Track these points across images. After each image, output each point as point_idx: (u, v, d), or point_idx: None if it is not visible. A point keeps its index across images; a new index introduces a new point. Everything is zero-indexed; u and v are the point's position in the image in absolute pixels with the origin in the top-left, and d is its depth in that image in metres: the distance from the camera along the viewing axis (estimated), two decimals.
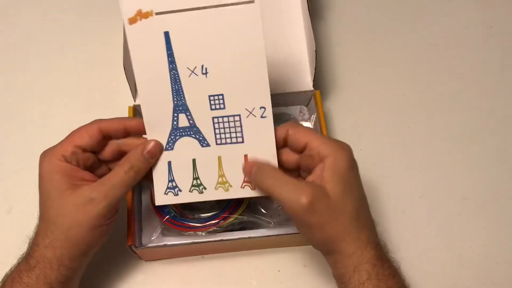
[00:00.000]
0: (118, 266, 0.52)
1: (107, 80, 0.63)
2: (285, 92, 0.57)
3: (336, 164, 0.39)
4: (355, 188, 0.40)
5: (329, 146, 0.40)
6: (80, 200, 0.40)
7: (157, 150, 0.43)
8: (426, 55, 0.67)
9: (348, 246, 0.39)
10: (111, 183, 0.41)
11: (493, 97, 0.64)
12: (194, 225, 0.48)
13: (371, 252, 0.39)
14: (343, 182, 0.39)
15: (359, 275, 0.39)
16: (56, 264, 0.40)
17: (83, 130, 0.43)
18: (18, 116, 0.62)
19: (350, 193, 0.40)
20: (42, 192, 0.42)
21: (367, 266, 0.39)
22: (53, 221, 0.41)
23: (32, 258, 0.41)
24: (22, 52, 0.66)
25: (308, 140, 0.41)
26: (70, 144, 0.42)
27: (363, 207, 0.41)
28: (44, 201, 0.42)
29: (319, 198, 0.38)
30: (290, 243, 0.53)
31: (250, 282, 0.52)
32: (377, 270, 0.39)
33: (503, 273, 0.53)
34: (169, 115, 0.43)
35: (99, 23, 0.68)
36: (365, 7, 0.70)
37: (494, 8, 0.71)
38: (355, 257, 0.39)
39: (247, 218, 0.49)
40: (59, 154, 0.41)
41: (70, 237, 0.40)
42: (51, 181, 0.41)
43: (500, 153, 0.60)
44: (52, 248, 0.40)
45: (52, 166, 0.41)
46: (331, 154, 0.40)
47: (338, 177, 0.39)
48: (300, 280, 0.52)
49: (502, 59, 0.67)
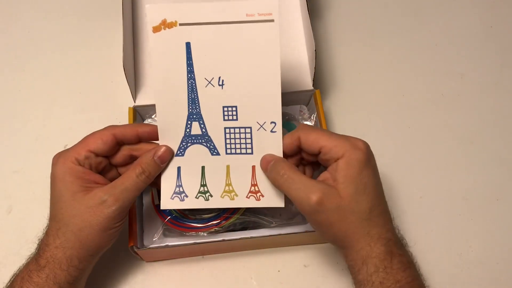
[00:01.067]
0: (119, 267, 0.52)
1: (107, 80, 0.63)
2: (285, 92, 0.57)
3: (348, 165, 0.40)
4: (369, 187, 0.40)
5: (341, 147, 0.41)
6: (93, 202, 0.41)
7: (167, 155, 0.45)
8: (426, 55, 0.67)
9: (357, 242, 0.40)
10: (123, 186, 0.42)
11: (493, 97, 0.64)
12: (196, 226, 0.48)
13: (381, 248, 0.40)
14: (355, 183, 0.40)
15: (367, 267, 0.40)
16: (65, 265, 0.41)
17: (97, 135, 0.44)
18: (18, 116, 0.62)
19: (362, 193, 0.40)
20: (55, 193, 0.42)
21: (375, 260, 0.39)
22: (65, 222, 0.41)
23: (42, 258, 0.41)
24: (22, 52, 0.66)
25: (321, 144, 0.41)
26: (84, 148, 0.43)
27: (377, 205, 0.41)
28: (56, 202, 0.42)
29: (329, 198, 0.39)
30: (290, 243, 0.53)
31: (250, 282, 0.52)
32: (385, 264, 0.39)
33: (503, 273, 0.53)
34: (183, 122, 0.45)
35: (99, 23, 0.68)
36: (365, 7, 0.70)
37: (494, 8, 0.71)
38: (363, 252, 0.40)
39: (248, 218, 0.49)
40: (72, 157, 0.42)
41: (81, 238, 0.41)
42: (64, 183, 0.42)
43: (500, 153, 0.60)
44: (62, 249, 0.41)
45: (65, 169, 0.42)
46: (344, 154, 0.40)
47: (350, 178, 0.40)
48: (300, 280, 0.52)
49: (502, 59, 0.67)
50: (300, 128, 0.44)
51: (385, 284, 0.39)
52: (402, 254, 0.41)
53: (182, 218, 0.49)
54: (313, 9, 0.66)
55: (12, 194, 0.57)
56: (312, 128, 0.45)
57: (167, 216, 0.49)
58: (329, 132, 0.43)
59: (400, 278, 0.39)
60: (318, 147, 0.42)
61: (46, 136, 0.60)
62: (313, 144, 0.42)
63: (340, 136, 0.42)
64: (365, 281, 0.40)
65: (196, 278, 0.52)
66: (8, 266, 0.44)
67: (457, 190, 0.58)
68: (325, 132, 0.43)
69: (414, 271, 0.41)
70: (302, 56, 0.59)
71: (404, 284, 0.39)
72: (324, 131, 0.43)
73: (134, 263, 0.52)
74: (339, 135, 0.42)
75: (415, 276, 0.41)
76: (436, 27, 0.69)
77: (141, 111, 0.56)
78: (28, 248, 0.44)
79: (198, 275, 0.52)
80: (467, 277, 0.53)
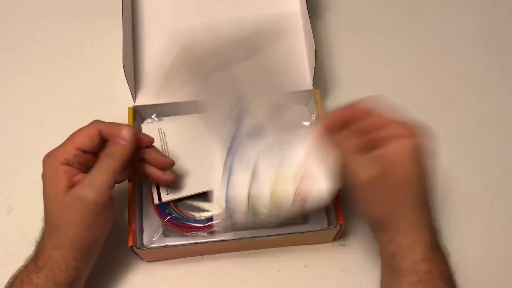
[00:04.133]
0: (119, 267, 0.52)
1: (107, 80, 0.63)
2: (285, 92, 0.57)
3: (407, 149, 0.39)
4: (423, 174, 0.40)
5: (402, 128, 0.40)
6: (70, 200, 0.41)
7: (130, 134, 0.43)
8: (426, 55, 0.67)
9: (407, 225, 0.40)
10: (95, 178, 0.42)
11: (493, 97, 0.64)
12: (196, 226, 0.48)
13: (427, 234, 0.40)
14: (410, 167, 0.39)
15: (413, 254, 0.39)
16: (63, 265, 0.41)
17: (84, 132, 0.43)
18: (18, 116, 0.62)
19: (418, 178, 0.40)
20: (44, 194, 0.43)
21: (423, 248, 0.39)
22: (54, 222, 0.42)
23: (40, 260, 0.41)
24: (22, 52, 0.66)
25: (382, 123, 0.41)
26: (72, 146, 0.43)
27: (427, 191, 0.41)
28: (46, 204, 0.43)
29: (384, 174, 0.39)
30: (290, 243, 0.53)
31: (250, 282, 0.52)
32: (432, 252, 0.39)
33: (503, 273, 0.53)
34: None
35: (99, 23, 0.68)
36: (364, 7, 0.70)
37: (494, 8, 0.71)
38: (410, 238, 0.40)
39: None
40: (61, 158, 0.42)
41: (70, 238, 0.41)
42: (51, 183, 0.42)
43: (500, 153, 0.60)
44: (57, 249, 0.41)
45: (53, 169, 0.42)
46: (403, 136, 0.40)
47: (409, 160, 0.39)
48: (300, 280, 0.52)
49: (502, 59, 0.67)
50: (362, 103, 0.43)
51: (431, 274, 0.39)
52: (442, 246, 0.41)
53: (182, 218, 0.49)
54: (313, 9, 0.66)
55: (12, 194, 0.57)
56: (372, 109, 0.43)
57: (167, 216, 0.49)
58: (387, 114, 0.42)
59: (443, 269, 0.39)
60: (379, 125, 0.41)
61: (46, 136, 0.60)
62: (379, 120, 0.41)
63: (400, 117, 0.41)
64: (409, 269, 0.39)
65: (196, 278, 0.52)
66: (8, 266, 0.44)
67: (457, 190, 0.58)
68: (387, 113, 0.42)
69: (450, 264, 0.41)
70: (302, 56, 0.59)
71: (447, 276, 0.39)
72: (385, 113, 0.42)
73: (134, 263, 0.52)
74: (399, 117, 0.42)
75: (452, 269, 0.41)
76: (436, 27, 0.69)
77: (141, 111, 0.56)
78: (27, 248, 0.44)
79: (198, 275, 0.52)
80: (467, 277, 0.53)
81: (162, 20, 0.61)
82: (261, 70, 0.58)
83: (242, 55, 0.51)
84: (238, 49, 0.51)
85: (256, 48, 0.53)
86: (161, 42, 0.60)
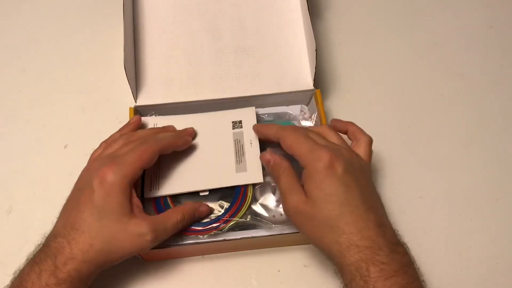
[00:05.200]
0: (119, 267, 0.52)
1: (107, 80, 0.63)
2: (285, 92, 0.57)
3: (309, 176, 0.42)
4: (333, 196, 0.41)
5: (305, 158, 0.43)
6: (134, 231, 0.42)
7: (206, 213, 0.48)
8: (426, 55, 0.67)
9: (328, 248, 0.41)
10: (164, 226, 0.44)
11: (493, 97, 0.64)
12: (195, 229, 0.48)
13: (354, 256, 0.39)
14: (316, 192, 0.42)
15: (344, 275, 0.40)
16: (85, 279, 0.41)
17: (149, 152, 0.44)
18: (18, 116, 0.62)
19: (325, 201, 0.41)
20: (103, 209, 0.41)
21: (351, 268, 0.39)
22: (102, 239, 0.41)
23: (62, 272, 0.39)
24: (22, 52, 0.66)
25: (292, 151, 0.44)
26: (139, 166, 0.43)
27: (344, 213, 0.40)
28: (100, 218, 0.41)
29: (299, 202, 0.42)
30: (290, 243, 0.53)
31: (250, 282, 0.52)
32: (361, 272, 0.39)
33: (503, 273, 0.53)
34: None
35: (99, 23, 0.68)
36: (365, 7, 0.70)
37: (494, 8, 0.71)
38: (337, 258, 0.40)
39: (249, 221, 0.49)
40: (130, 177, 0.42)
41: (109, 258, 0.42)
42: (118, 200, 0.42)
43: (500, 153, 0.60)
44: (88, 265, 0.40)
45: (122, 188, 0.42)
46: (307, 165, 0.43)
47: (312, 187, 0.42)
48: (300, 280, 0.52)
49: (502, 59, 0.67)
50: (283, 129, 0.47)
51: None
52: (385, 262, 0.39)
53: None
54: (314, 8, 0.66)
55: (12, 194, 0.57)
56: (291, 131, 0.46)
57: None
58: (303, 139, 0.44)
59: (379, 287, 0.38)
60: (291, 152, 0.44)
61: (46, 136, 0.60)
62: (288, 149, 0.45)
63: (309, 145, 0.44)
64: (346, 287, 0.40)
65: (196, 278, 0.52)
66: (8, 266, 0.44)
67: (457, 190, 0.58)
68: (300, 138, 0.44)
69: (402, 279, 0.38)
70: (303, 56, 0.59)
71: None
72: (296, 136, 0.45)
73: (135, 263, 0.52)
74: (311, 144, 0.44)
75: (402, 284, 0.38)
76: (436, 27, 0.69)
77: (142, 112, 0.56)
78: (27, 249, 0.44)
79: (198, 275, 0.52)
80: (467, 277, 0.53)
81: (162, 20, 0.61)
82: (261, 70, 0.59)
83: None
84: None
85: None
86: (162, 42, 0.60)
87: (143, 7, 0.61)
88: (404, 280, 0.39)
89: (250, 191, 0.50)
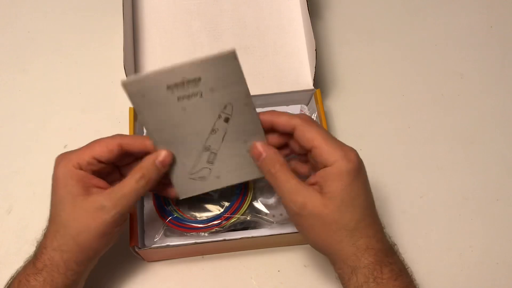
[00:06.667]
0: (119, 267, 0.52)
1: (107, 80, 0.63)
2: (285, 91, 0.57)
3: (337, 176, 0.39)
4: (357, 200, 0.40)
5: (333, 154, 0.39)
6: (91, 207, 0.40)
7: (169, 160, 0.43)
8: (426, 55, 0.67)
9: (342, 251, 0.40)
10: (122, 192, 0.41)
11: (493, 97, 0.64)
12: (197, 226, 0.48)
13: (370, 258, 0.39)
14: (341, 196, 0.39)
15: (357, 278, 0.39)
16: (63, 268, 0.41)
17: (103, 143, 0.43)
18: (18, 116, 0.62)
19: (349, 205, 0.39)
20: (56, 195, 0.42)
21: (365, 270, 0.39)
22: (63, 224, 0.41)
23: (39, 261, 0.41)
24: (22, 52, 0.66)
25: (314, 144, 0.40)
26: (88, 154, 0.42)
27: (366, 216, 0.40)
28: (56, 205, 0.42)
29: (313, 204, 0.39)
30: (290, 243, 0.53)
31: (250, 282, 0.52)
32: (375, 274, 0.39)
33: (503, 273, 0.53)
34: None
35: (99, 23, 0.68)
36: (365, 7, 0.70)
37: (494, 8, 0.71)
38: (351, 262, 0.40)
39: (250, 218, 0.49)
40: (74, 161, 0.42)
41: (79, 242, 0.41)
42: (65, 186, 0.41)
43: (500, 153, 0.60)
44: (60, 252, 0.41)
45: (67, 171, 0.41)
46: (334, 163, 0.39)
47: (338, 190, 0.39)
48: (300, 280, 0.52)
49: (502, 59, 0.67)
50: (300, 117, 0.42)
51: None
52: (393, 262, 0.40)
53: (183, 218, 0.49)
54: (313, 8, 0.66)
55: (12, 194, 0.57)
56: (311, 122, 0.42)
57: (168, 216, 0.49)
58: (326, 133, 0.41)
59: (391, 287, 0.39)
60: (310, 146, 0.40)
61: (46, 136, 0.60)
62: (308, 141, 0.40)
63: (334, 141, 0.41)
64: None
65: (196, 278, 0.52)
66: (8, 266, 0.44)
67: (457, 190, 0.58)
68: (322, 131, 0.41)
69: (407, 278, 0.41)
70: (303, 56, 0.59)
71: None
72: (321, 130, 0.41)
73: (135, 263, 0.52)
74: (334, 140, 0.41)
75: (407, 283, 0.40)
76: (436, 27, 0.69)
77: None
78: (27, 249, 0.44)
79: (198, 275, 0.52)
80: (467, 277, 0.53)
81: (162, 20, 0.61)
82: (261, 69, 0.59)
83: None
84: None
85: None
86: (162, 42, 0.60)
87: (143, 7, 0.61)
88: (408, 278, 0.41)
89: (251, 189, 0.50)
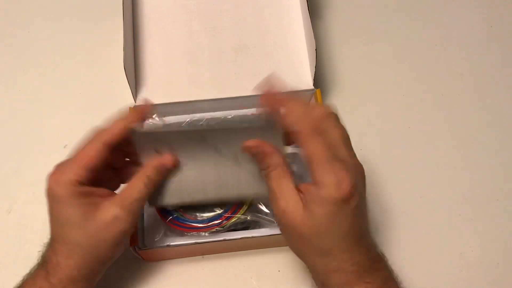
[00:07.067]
0: (119, 267, 0.52)
1: (107, 80, 0.63)
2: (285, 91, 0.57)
3: (322, 201, 0.36)
4: (337, 227, 0.37)
5: (326, 177, 0.36)
6: (104, 221, 0.40)
7: (174, 164, 0.43)
8: (426, 55, 0.67)
9: (315, 267, 0.39)
10: (133, 197, 0.41)
11: (493, 97, 0.64)
12: (197, 226, 0.48)
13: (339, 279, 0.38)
14: (322, 219, 0.36)
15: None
16: (81, 283, 0.41)
17: (88, 151, 0.41)
18: (18, 116, 0.62)
19: (327, 231, 0.37)
20: (61, 217, 0.41)
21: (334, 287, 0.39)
22: (78, 243, 0.40)
23: (55, 278, 0.40)
24: (22, 52, 0.66)
25: (311, 160, 0.37)
26: (81, 168, 0.40)
27: (342, 242, 0.37)
28: (62, 225, 0.41)
29: (293, 216, 0.37)
30: None
31: (250, 282, 0.52)
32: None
33: (503, 273, 0.53)
34: None
35: (99, 23, 0.68)
36: (365, 7, 0.70)
37: (494, 8, 0.71)
38: (321, 277, 0.39)
39: (250, 218, 0.49)
40: (74, 181, 0.40)
41: (97, 255, 0.41)
42: (71, 206, 0.40)
43: (500, 153, 0.60)
44: (78, 269, 0.40)
45: (69, 193, 0.40)
46: (323, 187, 0.36)
47: (318, 214, 0.36)
48: (300, 280, 0.52)
49: (502, 59, 0.67)
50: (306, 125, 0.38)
51: None
52: (370, 282, 0.38)
53: (184, 218, 0.49)
54: (313, 8, 0.66)
55: (12, 194, 0.57)
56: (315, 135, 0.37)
57: (169, 216, 0.49)
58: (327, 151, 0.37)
59: None
60: (306, 159, 0.37)
61: (46, 136, 0.60)
62: (305, 153, 0.37)
63: (333, 163, 0.36)
64: None
65: (196, 278, 0.52)
66: (8, 266, 0.44)
67: (457, 190, 0.58)
68: (323, 148, 0.37)
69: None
70: (303, 56, 0.59)
71: None
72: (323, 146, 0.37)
73: (135, 263, 0.52)
74: (333, 160, 0.36)
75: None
76: (436, 27, 0.69)
77: None
78: (27, 249, 0.44)
79: (198, 275, 0.52)
80: (467, 277, 0.53)
81: (162, 20, 0.61)
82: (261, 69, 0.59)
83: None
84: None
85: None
86: (162, 42, 0.60)
87: (143, 7, 0.61)
88: None
89: None
